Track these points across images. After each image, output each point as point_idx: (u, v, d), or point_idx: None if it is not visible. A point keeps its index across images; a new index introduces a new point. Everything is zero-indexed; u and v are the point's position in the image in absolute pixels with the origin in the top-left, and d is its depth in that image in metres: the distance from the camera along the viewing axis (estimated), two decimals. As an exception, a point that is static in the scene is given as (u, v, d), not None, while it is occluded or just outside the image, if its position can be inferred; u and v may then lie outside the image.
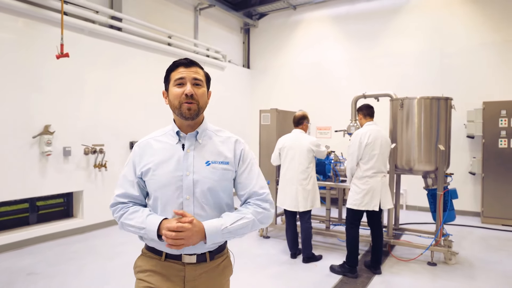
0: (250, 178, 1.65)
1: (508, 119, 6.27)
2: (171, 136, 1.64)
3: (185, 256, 1.56)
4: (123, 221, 1.58)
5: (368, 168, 4.02)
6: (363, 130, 4.16)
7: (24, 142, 4.90)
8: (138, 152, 1.64)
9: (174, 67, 1.60)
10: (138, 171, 1.61)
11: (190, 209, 1.54)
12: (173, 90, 1.56)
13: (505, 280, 3.99)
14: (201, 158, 1.58)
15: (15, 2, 4.73)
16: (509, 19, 6.74)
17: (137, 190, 1.62)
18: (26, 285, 3.72)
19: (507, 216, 6.26)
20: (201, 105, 1.58)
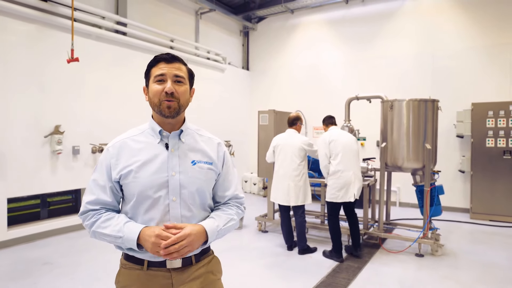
0: (232, 181, 1.66)
1: (495, 119, 6.58)
2: (150, 135, 1.54)
3: (169, 262, 1.46)
4: (95, 230, 1.44)
5: (338, 163, 4.51)
6: (326, 132, 4.76)
7: (36, 141, 5.20)
8: (114, 154, 1.50)
9: (155, 62, 1.52)
10: (115, 175, 1.47)
11: (177, 211, 1.46)
12: (153, 86, 1.49)
13: (485, 269, 4.30)
14: (186, 157, 1.52)
15: (28, 9, 5.03)
16: (496, 24, 7.04)
17: (110, 195, 1.49)
18: (43, 273, 4.03)
19: (494, 212, 6.57)
20: (182, 103, 1.50)
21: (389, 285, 3.83)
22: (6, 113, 4.86)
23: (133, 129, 1.61)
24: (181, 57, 1.52)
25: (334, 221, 4.63)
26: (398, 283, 3.89)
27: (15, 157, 4.96)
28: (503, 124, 6.51)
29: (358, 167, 4.68)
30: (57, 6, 5.41)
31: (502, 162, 6.51)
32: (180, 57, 1.55)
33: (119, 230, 1.40)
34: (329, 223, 4.67)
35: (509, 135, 6.46)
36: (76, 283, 3.79)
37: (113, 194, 1.50)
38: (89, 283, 3.80)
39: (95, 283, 3.79)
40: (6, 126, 4.85)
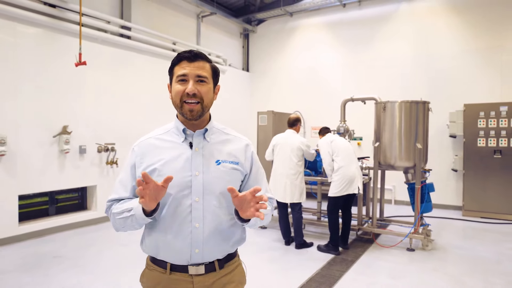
0: (261, 182, 1.62)
1: (486, 120, 6.82)
2: (175, 134, 1.52)
3: (191, 268, 1.44)
4: (113, 212, 1.47)
5: (341, 159, 4.79)
6: (324, 137, 5.10)
7: (45, 141, 5.45)
8: (139, 153, 1.50)
9: (177, 60, 1.47)
10: (139, 173, 1.46)
11: (199, 212, 1.43)
12: (175, 86, 1.45)
13: (472, 262, 4.53)
14: (210, 157, 1.48)
15: (37, 15, 5.28)
16: (489, 28, 7.28)
17: (133, 195, 1.51)
18: (54, 265, 4.28)
19: (485, 209, 6.81)
20: (205, 104, 1.46)
21: (380, 277, 4.07)
22: (17, 115, 5.11)
23: (159, 128, 1.60)
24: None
25: (335, 216, 4.89)
26: (389, 274, 4.13)
27: (26, 156, 5.21)
28: (494, 124, 6.75)
29: (357, 163, 5.02)
30: (64, 11, 5.65)
31: (493, 161, 6.75)
32: (204, 54, 1.49)
33: (130, 204, 1.42)
34: (329, 218, 4.90)
35: (499, 135, 6.70)
36: (86, 275, 4.03)
37: (135, 192, 1.49)
38: (97, 274, 4.04)
39: (104, 275, 4.03)
40: (17, 127, 5.10)
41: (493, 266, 4.40)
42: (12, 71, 5.03)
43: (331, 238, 4.87)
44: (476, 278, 4.03)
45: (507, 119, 6.64)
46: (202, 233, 1.43)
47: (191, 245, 1.43)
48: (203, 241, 1.44)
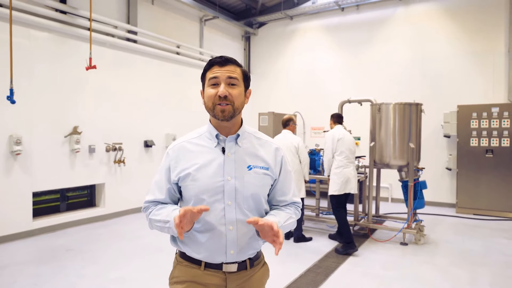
0: (289, 186, 1.66)
1: (478, 121, 7.09)
2: (208, 138, 1.56)
3: (225, 265, 1.51)
4: (151, 218, 1.53)
5: (342, 159, 4.97)
6: (334, 129, 5.18)
7: (57, 141, 5.74)
8: (173, 156, 1.55)
9: (209, 66, 1.52)
10: (174, 176, 1.53)
11: (232, 215, 1.48)
12: (207, 90, 1.49)
13: (460, 255, 4.81)
14: (242, 162, 1.52)
15: (49, 21, 5.57)
16: (481, 32, 7.55)
17: (167, 196, 1.58)
18: (68, 257, 4.57)
19: (477, 206, 7.08)
20: (237, 106, 1.49)
21: (374, 268, 4.35)
22: (32, 116, 5.40)
23: (192, 132, 1.63)
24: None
25: (342, 212, 4.98)
26: (381, 266, 4.41)
27: (40, 155, 5.50)
28: (486, 125, 7.02)
29: (354, 164, 5.22)
30: (75, 18, 5.94)
31: (485, 160, 7.02)
32: (235, 59, 1.53)
33: (167, 215, 1.46)
34: (337, 217, 4.98)
35: (491, 135, 6.97)
36: (98, 265, 4.32)
37: (169, 194, 1.57)
38: (108, 265, 4.33)
39: (115, 266, 4.32)
40: (31, 128, 5.39)
41: (480, 258, 4.68)
42: (28, 75, 5.31)
43: (345, 236, 4.85)
44: (462, 268, 4.31)
45: (498, 120, 6.91)
46: (236, 235, 1.48)
47: (226, 246, 1.48)
48: (238, 242, 1.49)
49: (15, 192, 5.22)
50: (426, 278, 4.04)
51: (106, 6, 6.67)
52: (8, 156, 5.13)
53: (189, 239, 1.53)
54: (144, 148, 7.17)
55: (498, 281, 3.95)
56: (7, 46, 4.80)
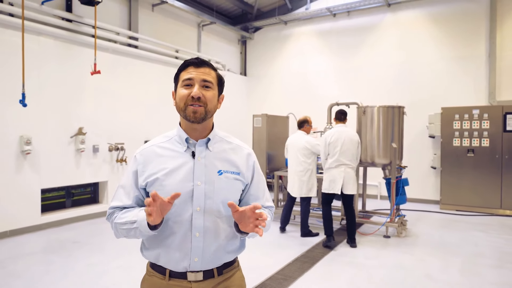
0: (261, 191, 1.63)
1: (460, 122, 7.51)
2: (178, 142, 1.51)
3: (190, 274, 1.45)
4: (116, 222, 1.47)
5: (332, 161, 5.13)
6: (328, 131, 5.30)
7: (64, 141, 6.13)
8: (141, 160, 1.49)
9: (184, 66, 1.49)
10: (142, 181, 1.47)
11: (199, 221, 1.43)
12: (180, 91, 1.46)
13: (438, 247, 5.22)
14: (212, 167, 1.48)
15: (58, 30, 5.96)
16: (464, 39, 7.98)
17: (134, 202, 1.51)
18: (75, 248, 4.97)
19: (460, 203, 7.50)
20: (209, 109, 1.46)
21: (356, 258, 4.75)
22: (40, 117, 5.78)
23: (160, 136, 1.59)
24: None
25: (325, 209, 5.28)
26: (363, 256, 4.81)
27: (48, 154, 5.89)
28: (467, 126, 7.44)
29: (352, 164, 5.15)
30: (80, 25, 6.34)
31: (467, 159, 7.44)
32: (210, 62, 1.52)
33: (134, 215, 1.42)
34: (322, 211, 5.35)
35: (472, 135, 7.39)
36: (103, 256, 4.72)
37: (137, 200, 1.51)
38: (113, 255, 4.73)
39: (120, 257, 4.71)
40: (40, 128, 5.78)
41: (454, 248, 5.09)
42: (37, 79, 5.70)
43: (324, 229, 5.23)
44: (436, 257, 4.73)
45: (479, 121, 7.33)
46: (202, 242, 1.44)
47: (191, 253, 1.44)
48: (203, 250, 1.44)
49: (25, 189, 5.61)
50: (403, 266, 4.45)
51: (108, 14, 7.07)
52: (19, 155, 5.52)
53: (154, 244, 1.48)
54: (144, 148, 7.56)
55: (466, 268, 4.36)
56: (19, 53, 5.19)
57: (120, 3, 7.36)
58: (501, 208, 7.13)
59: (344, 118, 5.38)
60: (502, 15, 7.63)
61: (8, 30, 5.38)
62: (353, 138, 5.20)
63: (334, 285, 3.93)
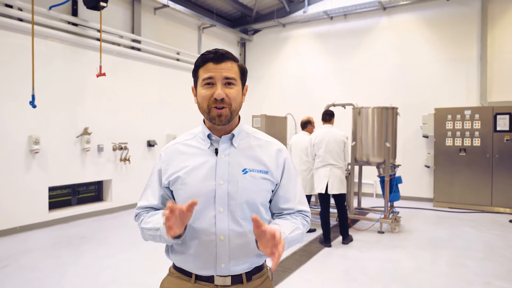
0: (294, 192, 1.49)
1: (453, 122, 7.77)
2: (202, 139, 1.44)
3: (218, 278, 1.36)
4: (142, 227, 1.42)
5: (318, 162, 5.35)
6: (313, 133, 5.52)
7: (70, 140, 6.36)
8: (165, 159, 1.45)
9: (202, 62, 1.36)
10: (165, 180, 1.43)
11: (224, 224, 1.34)
12: (201, 91, 1.35)
13: (428, 241, 5.47)
14: (237, 164, 1.38)
15: (64, 34, 6.20)
16: (455, 41, 8.24)
17: (159, 201, 1.48)
18: (83, 243, 5.20)
19: (452, 200, 7.76)
20: (234, 108, 1.37)
21: (351, 251, 5.00)
22: (48, 118, 6.01)
23: (186, 133, 1.53)
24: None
25: (321, 210, 5.39)
26: (358, 250, 5.06)
27: (55, 153, 6.12)
28: (459, 126, 7.70)
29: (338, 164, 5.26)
30: (85, 29, 6.57)
31: (459, 158, 7.70)
32: (231, 53, 1.38)
33: (158, 221, 1.34)
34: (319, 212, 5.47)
35: (464, 135, 7.65)
36: (110, 249, 4.95)
37: (163, 200, 1.47)
38: (119, 249, 4.96)
39: (125, 249, 4.95)
40: (47, 129, 6.01)
41: (444, 243, 5.34)
42: (44, 81, 5.92)
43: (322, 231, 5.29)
44: (426, 251, 4.98)
45: (471, 122, 7.59)
46: (228, 246, 1.35)
47: (217, 259, 1.35)
48: (229, 255, 1.35)
49: (34, 186, 5.84)
50: (395, 259, 4.69)
51: (112, 17, 7.29)
52: (28, 154, 5.75)
53: (178, 248, 1.42)
54: (147, 147, 7.80)
55: (453, 260, 4.61)
56: (26, 55, 5.42)
57: (123, 7, 7.59)
58: (492, 205, 7.39)
59: (330, 119, 5.51)
60: (493, 19, 7.89)
61: (17, 34, 5.61)
62: (338, 138, 5.29)
63: (329, 276, 4.18)
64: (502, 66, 7.82)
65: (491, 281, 3.96)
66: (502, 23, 7.84)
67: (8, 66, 5.52)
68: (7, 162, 5.51)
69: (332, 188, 5.21)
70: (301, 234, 1.44)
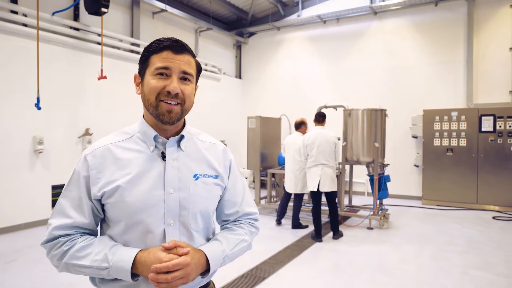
0: (240, 194, 1.39)
1: (440, 123, 8.09)
2: (142, 141, 1.23)
3: None
4: (69, 262, 1.13)
5: (310, 162, 5.60)
6: (306, 134, 5.77)
7: (72, 141, 6.61)
8: (94, 164, 1.18)
9: (158, 48, 1.19)
10: (96, 191, 1.16)
11: (175, 237, 1.18)
12: (151, 80, 1.18)
13: (415, 236, 5.76)
14: (187, 170, 1.23)
15: (67, 38, 6.44)
16: (443, 45, 8.57)
17: (89, 216, 1.18)
18: (86, 239, 5.44)
19: (440, 198, 8.07)
20: (186, 107, 1.22)
21: (340, 246, 5.28)
22: (50, 119, 6.25)
23: (116, 132, 1.28)
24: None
25: (313, 207, 5.68)
26: (347, 244, 5.35)
27: (57, 153, 6.37)
28: (447, 127, 8.02)
29: (330, 163, 5.51)
30: (86, 33, 6.82)
31: (446, 158, 8.02)
32: (189, 47, 1.25)
33: (103, 259, 1.11)
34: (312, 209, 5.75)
35: (451, 136, 7.97)
36: (112, 244, 5.20)
37: (92, 214, 1.19)
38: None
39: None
40: (50, 130, 6.25)
41: (429, 238, 5.65)
42: (48, 83, 6.16)
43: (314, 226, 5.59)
44: (412, 245, 5.28)
45: (457, 123, 7.91)
46: None
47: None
48: None
49: (38, 185, 6.08)
50: (381, 252, 4.99)
51: (112, 22, 7.54)
52: (32, 154, 5.99)
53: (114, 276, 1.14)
54: (145, 147, 8.04)
55: (436, 254, 4.91)
56: (32, 59, 5.66)
57: (123, 12, 7.84)
58: (477, 202, 7.71)
59: (322, 120, 5.76)
60: (479, 24, 8.22)
61: (22, 38, 5.85)
62: (329, 139, 5.55)
63: (319, 268, 4.46)
64: (487, 69, 8.15)
65: (468, 271, 4.26)
66: (487, 28, 8.17)
67: (14, 69, 5.75)
68: (12, 162, 5.74)
69: (324, 186, 5.49)
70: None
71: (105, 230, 1.23)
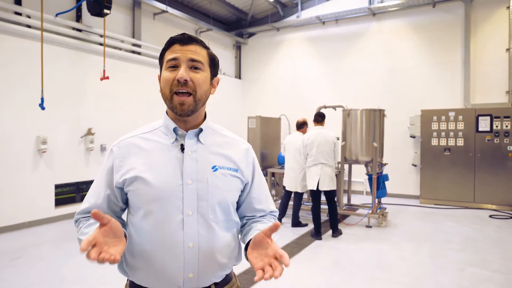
0: (264, 193, 1.43)
1: (438, 123, 8.19)
2: (164, 134, 1.29)
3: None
4: (78, 237, 1.25)
5: (310, 161, 5.70)
6: (305, 134, 5.87)
7: (75, 140, 6.68)
8: (119, 154, 1.27)
9: (168, 44, 1.27)
10: (118, 178, 1.24)
11: (193, 229, 1.20)
12: (164, 74, 1.24)
13: (412, 234, 5.87)
14: (205, 162, 1.26)
15: (69, 39, 6.52)
16: (441, 46, 8.67)
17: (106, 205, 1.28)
18: (89, 237, 5.53)
19: (438, 197, 8.18)
20: (199, 97, 1.23)
21: (340, 244, 5.38)
22: (54, 119, 6.33)
23: (144, 126, 1.36)
24: None
25: (313, 206, 5.79)
26: (346, 242, 5.45)
27: (60, 153, 6.44)
28: (444, 127, 8.12)
29: (329, 162, 5.59)
30: (89, 34, 6.90)
31: (444, 157, 8.13)
32: (201, 40, 1.29)
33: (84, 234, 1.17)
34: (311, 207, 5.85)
35: (448, 135, 8.08)
36: (115, 242, 5.28)
37: (108, 202, 1.28)
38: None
39: (129, 242, 5.29)
40: (53, 129, 6.33)
41: (426, 236, 5.75)
42: (51, 84, 6.24)
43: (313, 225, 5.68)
44: (409, 243, 5.38)
45: (454, 122, 8.02)
46: (197, 254, 1.21)
47: (184, 269, 1.20)
48: (199, 264, 1.22)
49: (41, 184, 6.16)
50: (380, 250, 5.09)
51: (114, 23, 7.62)
52: (36, 153, 6.06)
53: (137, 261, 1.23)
54: (147, 147, 8.13)
55: (433, 251, 5.01)
56: (36, 60, 5.74)
57: (124, 13, 7.92)
58: (474, 201, 7.82)
59: (321, 121, 5.83)
60: (476, 25, 8.32)
61: (26, 39, 5.93)
62: (328, 139, 5.63)
63: (319, 265, 4.56)
64: (484, 70, 8.26)
65: (465, 268, 4.37)
66: (484, 30, 8.28)
67: (16, 69, 5.83)
68: (16, 161, 5.82)
69: (323, 185, 5.59)
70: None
71: (129, 218, 1.30)
